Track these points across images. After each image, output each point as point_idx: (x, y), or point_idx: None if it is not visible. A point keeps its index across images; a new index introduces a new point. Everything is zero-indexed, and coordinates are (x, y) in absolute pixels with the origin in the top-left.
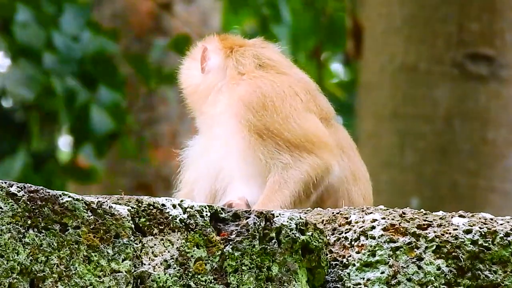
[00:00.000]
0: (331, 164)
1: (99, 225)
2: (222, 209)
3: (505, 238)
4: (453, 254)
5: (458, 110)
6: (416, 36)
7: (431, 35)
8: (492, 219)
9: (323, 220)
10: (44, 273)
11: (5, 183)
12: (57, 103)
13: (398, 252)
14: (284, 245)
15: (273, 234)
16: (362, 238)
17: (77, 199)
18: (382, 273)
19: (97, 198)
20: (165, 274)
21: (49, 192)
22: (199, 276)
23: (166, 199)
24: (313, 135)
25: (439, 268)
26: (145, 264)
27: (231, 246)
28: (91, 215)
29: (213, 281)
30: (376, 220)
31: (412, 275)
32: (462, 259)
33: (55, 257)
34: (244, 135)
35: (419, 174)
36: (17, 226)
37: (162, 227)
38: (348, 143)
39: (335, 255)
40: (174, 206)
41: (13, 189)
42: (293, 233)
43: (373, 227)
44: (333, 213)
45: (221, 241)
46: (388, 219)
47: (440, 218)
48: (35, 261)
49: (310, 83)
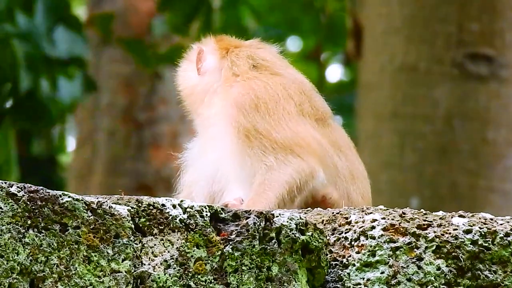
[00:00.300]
0: (316, 170)
1: (99, 225)
2: (222, 209)
3: (505, 238)
4: (453, 254)
5: (458, 110)
6: (416, 36)
7: (431, 35)
8: (492, 219)
9: (323, 220)
10: (44, 273)
11: (5, 183)
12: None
13: (398, 252)
14: (284, 245)
15: (273, 234)
16: (362, 238)
17: (77, 199)
18: (382, 273)
19: (97, 198)
20: (165, 274)
21: (49, 192)
22: (199, 276)
23: (166, 199)
24: (302, 139)
25: (439, 268)
26: (145, 264)
27: (231, 246)
28: (91, 215)
29: (213, 281)
30: (376, 220)
31: (412, 275)
32: (462, 259)
33: (55, 257)
34: (233, 137)
35: (419, 174)
36: (17, 226)
37: (162, 227)
38: (345, 142)
39: (335, 255)
40: (174, 206)
41: (13, 189)
42: (293, 233)
43: (373, 227)
44: (333, 213)
45: (221, 241)
46: (388, 219)
47: (440, 218)
48: (35, 261)
49: (305, 83)
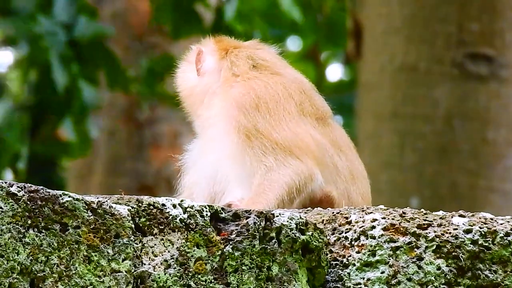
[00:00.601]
0: (315, 173)
1: (99, 225)
2: (222, 209)
3: (505, 238)
4: (453, 254)
5: (458, 110)
6: (416, 36)
7: (431, 35)
8: (492, 219)
9: (323, 220)
10: (44, 273)
11: (5, 183)
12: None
13: (398, 252)
14: (284, 245)
15: (273, 234)
16: (362, 238)
17: (77, 199)
18: (382, 273)
19: (97, 198)
20: (165, 274)
21: (49, 192)
22: (199, 276)
23: (166, 199)
24: (302, 140)
25: (439, 268)
26: (145, 264)
27: (231, 246)
28: (91, 215)
29: (213, 281)
30: (376, 220)
31: (412, 275)
32: (462, 259)
33: (55, 257)
34: (233, 137)
35: (419, 174)
36: (17, 226)
37: (162, 227)
38: (345, 142)
39: (335, 255)
40: (174, 206)
41: (13, 189)
42: (293, 233)
43: (373, 227)
44: (333, 213)
45: (221, 241)
46: (388, 219)
47: (440, 218)
48: (35, 261)
49: (305, 82)
